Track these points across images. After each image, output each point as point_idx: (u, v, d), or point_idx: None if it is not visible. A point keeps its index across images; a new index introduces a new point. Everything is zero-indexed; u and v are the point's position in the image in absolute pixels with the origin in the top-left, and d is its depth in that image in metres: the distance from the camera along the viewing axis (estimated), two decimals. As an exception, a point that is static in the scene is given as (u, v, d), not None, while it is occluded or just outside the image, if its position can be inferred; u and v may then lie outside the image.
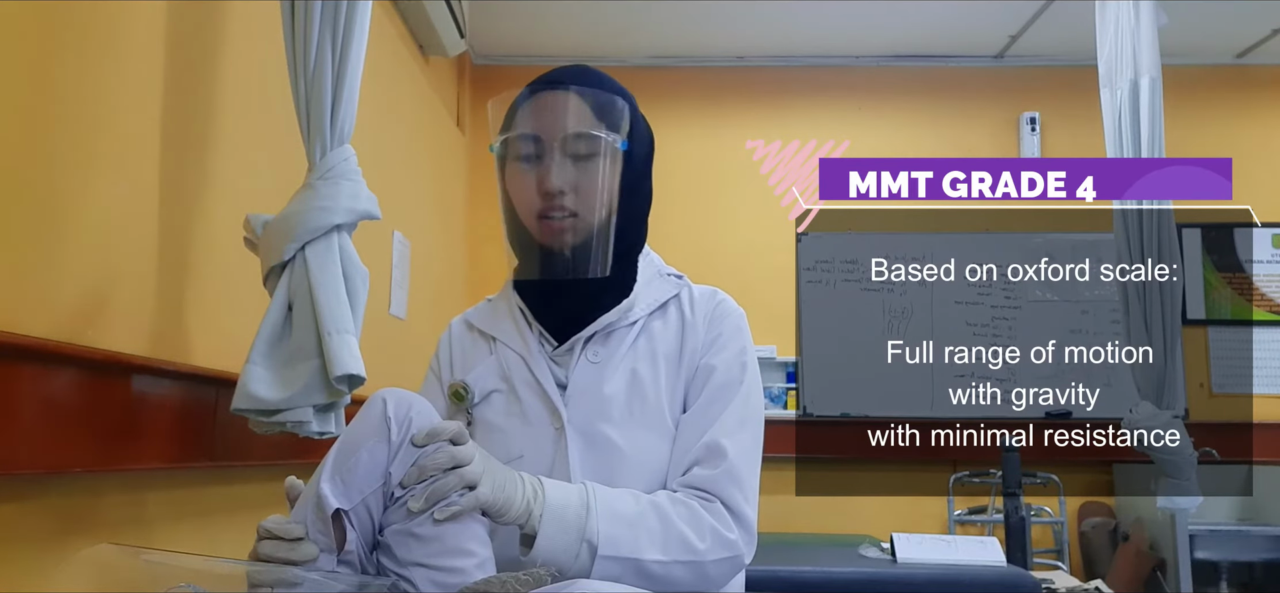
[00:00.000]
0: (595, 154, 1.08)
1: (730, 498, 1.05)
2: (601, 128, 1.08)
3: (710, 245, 4.02)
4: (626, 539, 0.98)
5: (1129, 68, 2.66)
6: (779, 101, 4.19)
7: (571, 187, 1.07)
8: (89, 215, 1.36)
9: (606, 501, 1.00)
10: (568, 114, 1.07)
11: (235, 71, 1.80)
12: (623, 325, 1.13)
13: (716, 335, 1.14)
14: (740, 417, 1.10)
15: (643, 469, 1.07)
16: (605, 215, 1.09)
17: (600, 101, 1.08)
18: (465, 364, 1.17)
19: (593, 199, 1.07)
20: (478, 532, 0.94)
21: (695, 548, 1.01)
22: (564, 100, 1.08)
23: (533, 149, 1.08)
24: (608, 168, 1.08)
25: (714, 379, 1.11)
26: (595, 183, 1.08)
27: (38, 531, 1.26)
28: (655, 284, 1.18)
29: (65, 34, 1.30)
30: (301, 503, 0.93)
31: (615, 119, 1.09)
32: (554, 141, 1.07)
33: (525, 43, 3.94)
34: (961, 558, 2.16)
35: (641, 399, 1.09)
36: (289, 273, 1.46)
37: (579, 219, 1.08)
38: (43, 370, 1.20)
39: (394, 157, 2.96)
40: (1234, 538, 3.38)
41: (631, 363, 1.11)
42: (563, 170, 1.06)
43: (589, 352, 1.12)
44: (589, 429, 1.08)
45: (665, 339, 1.14)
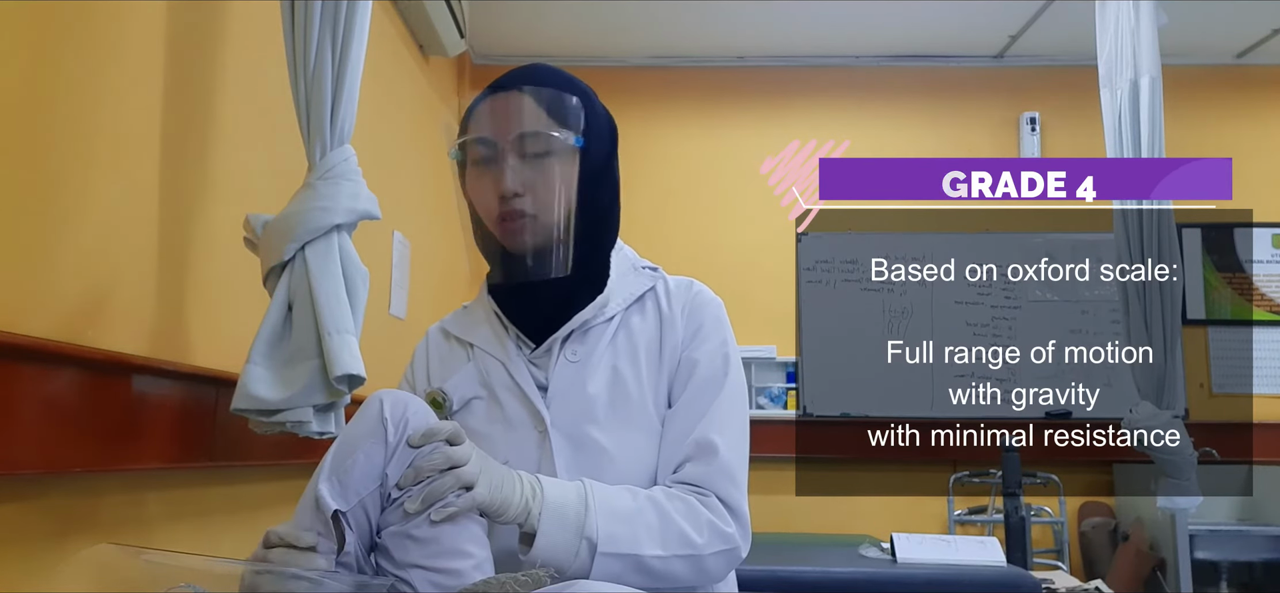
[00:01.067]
0: (549, 153, 1.07)
1: (725, 493, 1.05)
2: (554, 125, 1.07)
3: (710, 245, 4.02)
4: (625, 536, 0.98)
5: (1129, 68, 2.66)
6: (779, 101, 4.19)
7: (527, 187, 1.06)
8: (89, 215, 1.36)
9: (604, 498, 1.00)
10: (518, 115, 1.07)
11: (235, 71, 1.80)
12: (599, 322, 1.13)
13: (697, 327, 1.14)
14: (727, 410, 1.10)
15: (629, 469, 1.07)
16: (565, 213, 1.08)
17: (551, 100, 1.08)
18: (443, 372, 1.17)
19: (549, 198, 1.07)
20: (475, 533, 0.94)
21: (693, 542, 1.01)
22: (516, 101, 1.08)
23: (486, 152, 1.08)
24: (563, 165, 1.08)
25: (698, 373, 1.11)
26: (551, 182, 1.07)
27: (38, 531, 1.26)
28: (629, 278, 1.17)
29: (65, 34, 1.30)
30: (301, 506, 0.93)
31: (568, 116, 1.08)
32: (507, 143, 1.06)
33: (525, 43, 3.94)
34: (961, 558, 2.16)
35: (625, 398, 1.09)
36: (289, 273, 1.46)
37: (537, 220, 1.07)
38: (43, 370, 1.20)
39: (394, 157, 2.96)
40: (1234, 538, 3.38)
41: (612, 360, 1.11)
42: (517, 172, 1.06)
43: (567, 351, 1.11)
44: (573, 431, 1.07)
45: (644, 334, 1.14)
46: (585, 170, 1.10)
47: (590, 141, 1.11)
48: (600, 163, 1.13)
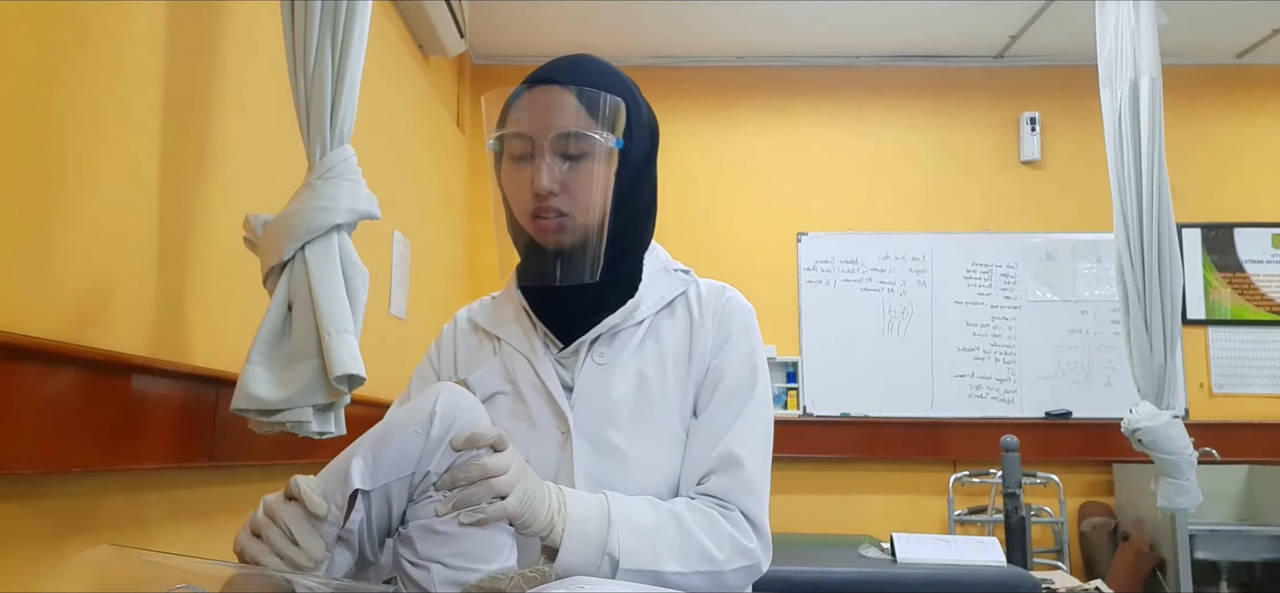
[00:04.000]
0: (588, 154, 1.04)
1: (749, 508, 1.04)
2: (595, 127, 1.04)
3: (710, 245, 4.02)
4: (646, 551, 0.97)
5: (1129, 68, 2.66)
6: (779, 101, 4.19)
7: (563, 187, 1.03)
8: (89, 215, 1.36)
9: (625, 513, 0.98)
10: (560, 112, 1.03)
11: (235, 71, 1.80)
12: (629, 326, 1.11)
13: (726, 337, 1.12)
14: (753, 423, 1.08)
15: (650, 477, 1.06)
16: (599, 216, 1.06)
17: (595, 99, 1.04)
18: (469, 363, 1.15)
19: (585, 200, 1.04)
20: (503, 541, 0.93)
21: (714, 558, 1.00)
22: (557, 97, 1.04)
23: (524, 148, 1.05)
24: (601, 168, 1.05)
25: (725, 384, 1.09)
26: (588, 183, 1.04)
27: (38, 531, 1.26)
28: (661, 281, 1.16)
29: (65, 34, 1.30)
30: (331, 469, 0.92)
31: (610, 117, 1.05)
32: (545, 140, 1.03)
33: (525, 43, 3.94)
34: (961, 558, 2.16)
35: (649, 405, 1.08)
36: (289, 273, 1.46)
37: (571, 220, 1.04)
38: (43, 370, 1.20)
39: (394, 157, 2.96)
40: (1234, 538, 3.38)
41: (638, 365, 1.10)
42: (554, 170, 1.03)
43: (595, 353, 1.10)
44: (595, 435, 1.06)
45: (673, 340, 1.12)
46: (624, 172, 1.08)
47: (631, 143, 1.08)
48: (640, 164, 1.11)
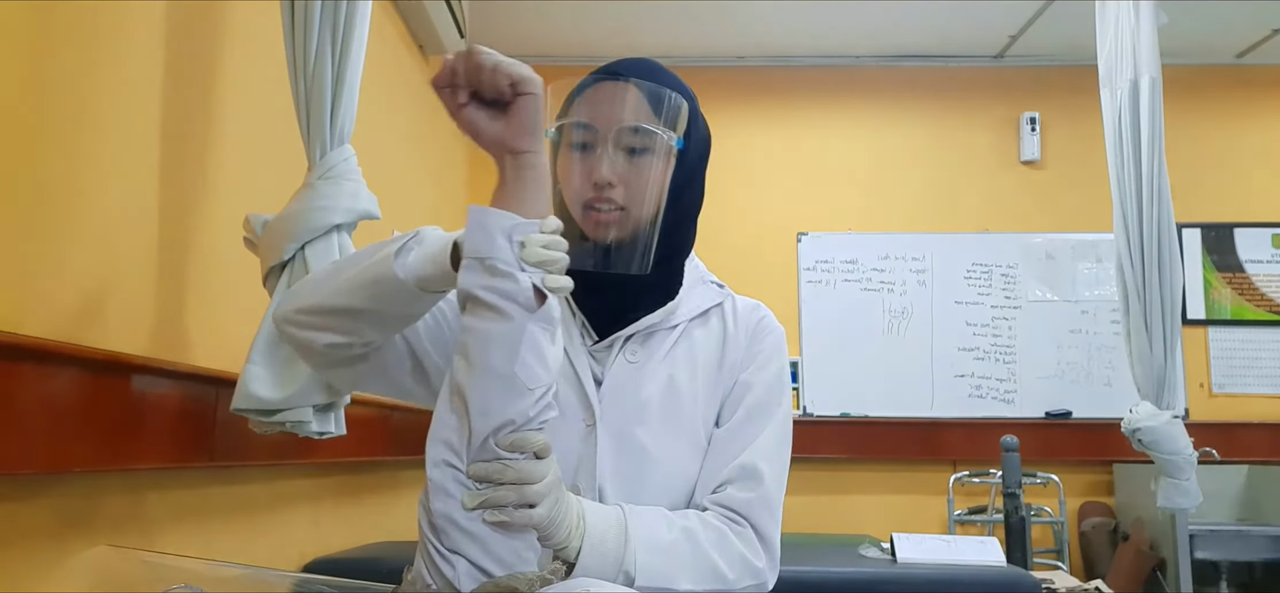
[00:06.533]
0: (649, 149, 1.05)
1: (761, 524, 1.05)
2: (657, 123, 1.06)
3: (710, 245, 3.98)
4: (661, 569, 0.98)
5: (1129, 68, 2.66)
6: (779, 101, 4.19)
7: (621, 180, 1.05)
8: (89, 215, 1.36)
9: (641, 529, 0.99)
10: (625, 106, 1.05)
11: (235, 71, 1.80)
12: (664, 328, 1.13)
13: (757, 352, 1.14)
14: (776, 440, 1.10)
15: (670, 477, 1.07)
16: (653, 212, 1.07)
17: (660, 96, 1.07)
18: None
19: (642, 194, 1.05)
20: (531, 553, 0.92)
21: (724, 577, 1.01)
22: (623, 92, 1.06)
23: (586, 137, 1.06)
24: (660, 165, 1.06)
25: (751, 397, 1.11)
26: (646, 178, 1.05)
27: (38, 531, 1.26)
28: (699, 290, 1.17)
29: (65, 34, 1.30)
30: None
31: (672, 116, 1.07)
32: (608, 132, 1.05)
33: (525, 43, 3.94)
34: (961, 558, 2.16)
35: (676, 407, 1.09)
36: (289, 273, 1.46)
37: (626, 213, 1.05)
38: (43, 370, 1.20)
39: (394, 157, 2.96)
40: (1234, 538, 3.37)
41: (670, 368, 1.11)
42: (614, 162, 1.04)
43: (628, 351, 1.11)
44: (621, 431, 1.07)
45: (706, 348, 1.13)
46: (679, 174, 1.09)
47: (689, 146, 1.10)
48: (694, 166, 1.12)
